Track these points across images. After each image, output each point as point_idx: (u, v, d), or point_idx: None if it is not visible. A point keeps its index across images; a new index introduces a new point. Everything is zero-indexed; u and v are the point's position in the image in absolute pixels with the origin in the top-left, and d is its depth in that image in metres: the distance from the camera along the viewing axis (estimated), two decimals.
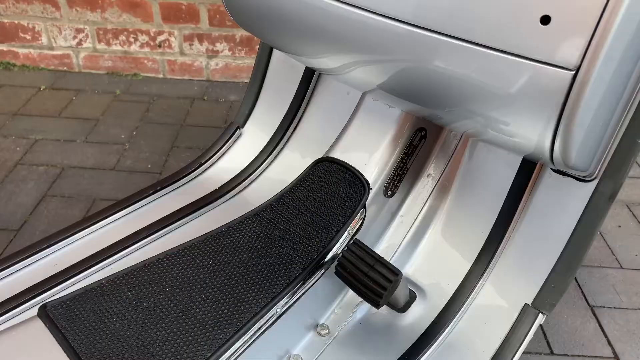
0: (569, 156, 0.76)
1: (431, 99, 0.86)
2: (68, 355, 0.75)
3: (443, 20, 0.74)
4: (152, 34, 2.42)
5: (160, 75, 2.54)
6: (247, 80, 2.53)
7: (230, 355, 0.80)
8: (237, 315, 0.83)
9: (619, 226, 1.86)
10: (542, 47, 0.67)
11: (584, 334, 1.48)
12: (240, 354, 0.82)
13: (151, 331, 0.79)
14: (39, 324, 0.79)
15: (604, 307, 1.56)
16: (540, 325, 1.49)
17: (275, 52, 1.30)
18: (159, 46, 2.46)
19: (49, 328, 0.79)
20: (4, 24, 2.41)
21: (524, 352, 1.41)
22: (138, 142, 2.10)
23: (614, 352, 1.43)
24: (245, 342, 0.82)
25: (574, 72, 0.66)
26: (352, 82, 1.03)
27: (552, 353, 1.43)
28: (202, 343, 0.79)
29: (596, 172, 0.88)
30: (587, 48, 0.64)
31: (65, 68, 2.53)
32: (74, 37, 2.45)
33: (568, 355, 1.42)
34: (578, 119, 0.70)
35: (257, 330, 0.84)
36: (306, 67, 1.27)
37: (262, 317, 0.84)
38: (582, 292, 1.59)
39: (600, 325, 1.50)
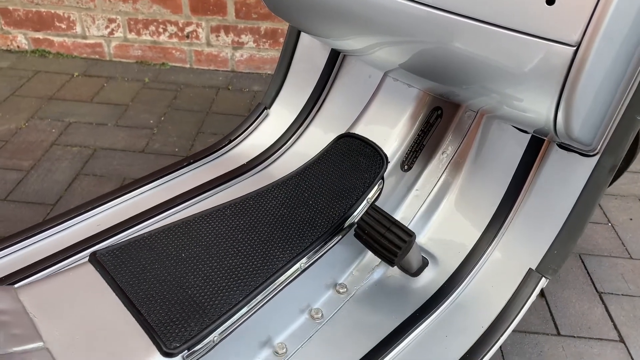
0: (571, 128, 0.84)
1: (447, 75, 0.94)
2: (117, 295, 0.85)
3: (459, 1, 0.82)
4: (180, 25, 2.53)
5: (187, 65, 2.65)
6: (270, 72, 2.63)
7: (258, 302, 0.89)
8: (265, 267, 0.92)
9: (631, 219, 1.89)
10: (547, 25, 0.75)
11: (591, 317, 1.52)
12: (267, 301, 0.91)
13: (189, 277, 0.88)
14: (90, 268, 0.89)
15: (612, 293, 1.60)
16: (549, 307, 1.56)
17: (302, 38, 1.39)
18: (187, 37, 2.56)
19: (99, 271, 0.88)
20: (41, 13, 2.53)
21: (531, 332, 1.47)
22: (166, 127, 2.20)
23: (620, 336, 1.47)
24: (272, 291, 0.91)
25: (575, 48, 0.74)
26: (375, 62, 1.12)
27: (558, 334, 1.48)
28: (234, 289, 0.88)
29: (599, 147, 0.95)
30: (587, 26, 0.72)
31: (97, 56, 2.65)
32: (106, 27, 2.56)
33: (574, 337, 1.47)
34: (578, 92, 0.77)
35: (283, 281, 0.92)
36: (330, 52, 1.35)
37: (287, 269, 0.93)
38: (591, 279, 1.64)
39: (607, 311, 1.54)
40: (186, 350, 0.79)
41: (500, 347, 1.41)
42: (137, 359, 0.76)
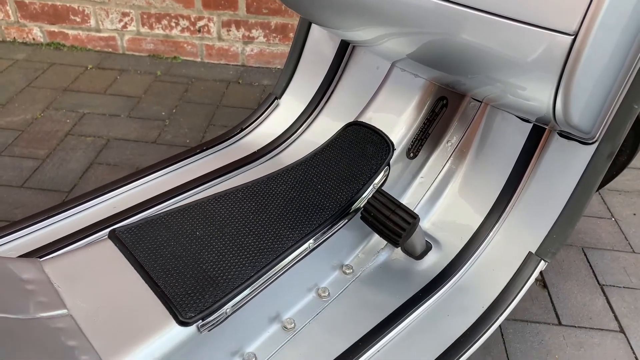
0: (570, 115, 0.87)
1: (452, 65, 0.98)
2: (135, 268, 0.89)
3: None
4: (192, 19, 2.58)
5: (198, 59, 2.69)
6: (279, 67, 2.67)
7: (268, 278, 0.94)
8: (275, 246, 0.96)
9: (634, 214, 1.92)
10: (546, 14, 0.78)
11: (592, 309, 1.55)
12: (277, 278, 0.95)
13: (204, 254, 0.93)
14: (110, 244, 0.94)
15: (614, 286, 1.63)
16: (550, 298, 1.59)
17: (313, 30, 1.43)
18: (199, 31, 2.61)
19: (119, 247, 0.93)
20: (56, 7, 2.58)
21: (533, 322, 1.50)
22: (177, 119, 2.24)
23: (620, 327, 1.50)
24: (282, 268, 0.95)
25: (573, 37, 0.78)
26: (383, 53, 1.16)
27: (560, 324, 1.51)
28: (246, 264, 0.92)
29: (597, 135, 0.99)
30: (585, 16, 0.76)
31: (110, 49, 2.70)
32: (120, 21, 2.61)
33: (575, 327, 1.50)
34: (576, 80, 0.81)
35: (291, 260, 0.97)
36: (340, 44, 1.39)
37: (296, 249, 0.97)
38: (593, 271, 1.67)
39: (608, 302, 1.57)
40: (200, 320, 0.84)
41: (502, 335, 1.45)
42: (154, 327, 0.81)
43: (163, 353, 0.80)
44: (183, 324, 0.82)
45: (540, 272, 1.64)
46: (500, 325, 1.47)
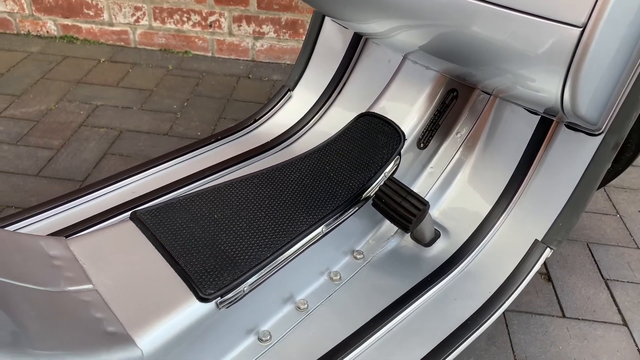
0: (577, 106, 0.91)
1: (464, 56, 1.01)
2: (156, 248, 0.93)
3: None
4: (204, 14, 2.61)
5: (209, 54, 2.73)
6: (289, 62, 2.71)
7: (283, 260, 0.97)
8: (290, 229, 1.00)
9: (639, 211, 1.94)
10: (555, 7, 0.81)
11: (596, 302, 1.58)
12: (291, 260, 0.99)
13: (222, 235, 0.97)
14: (131, 225, 0.97)
15: (618, 280, 1.65)
16: (555, 291, 1.62)
17: (325, 24, 1.47)
18: (210, 26, 2.65)
19: (140, 228, 0.96)
20: (70, 0, 2.62)
21: (537, 314, 1.53)
22: (189, 112, 2.28)
23: (624, 320, 1.52)
24: (296, 250, 0.99)
25: (581, 29, 0.81)
26: (396, 45, 1.19)
27: (564, 316, 1.53)
28: (263, 246, 0.96)
29: (604, 127, 1.02)
30: (593, 8, 0.79)
31: (122, 43, 2.74)
32: (132, 15, 2.65)
33: (579, 319, 1.52)
34: (584, 72, 0.84)
35: (305, 243, 1.01)
36: (352, 37, 1.43)
37: (309, 233, 1.01)
38: (598, 266, 1.69)
39: (612, 296, 1.60)
40: (219, 297, 0.87)
41: (507, 325, 1.48)
42: (176, 302, 0.85)
43: (184, 327, 0.83)
44: (203, 300, 0.86)
45: (545, 266, 1.67)
46: (505, 317, 1.50)
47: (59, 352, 0.67)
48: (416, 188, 1.26)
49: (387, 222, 1.19)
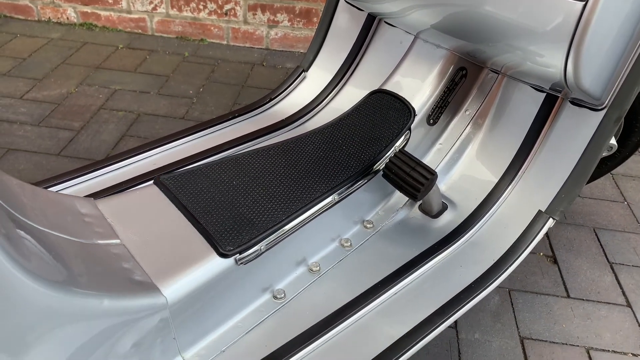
0: (580, 80, 0.95)
1: (473, 33, 1.06)
2: (179, 209, 0.99)
3: None
4: (219, 3, 2.67)
5: (224, 42, 2.79)
6: (302, 51, 2.76)
7: (298, 223, 1.03)
8: (304, 195, 1.05)
9: None
10: None
11: (601, 284, 1.62)
12: (304, 225, 1.04)
13: (240, 199, 1.02)
14: (155, 189, 1.03)
15: (623, 264, 1.69)
16: (560, 273, 1.65)
17: (340, 7, 1.51)
18: (225, 14, 2.70)
19: (163, 191, 1.02)
20: None
21: (542, 294, 1.57)
22: (204, 97, 2.34)
23: (627, 301, 1.56)
24: (309, 216, 1.04)
25: (584, 3, 0.85)
26: (410, 23, 1.24)
27: (568, 296, 1.57)
28: (278, 210, 1.01)
29: (607, 102, 1.06)
30: None
31: (140, 31, 2.80)
32: (150, 2, 2.71)
33: (583, 300, 1.56)
34: (585, 45, 0.88)
35: (318, 210, 1.06)
36: (366, 18, 1.48)
37: (322, 200, 1.06)
38: (604, 250, 1.73)
39: (617, 279, 1.63)
40: (238, 254, 0.93)
41: (512, 304, 1.52)
42: (198, 257, 0.90)
43: (205, 280, 0.89)
44: (223, 255, 0.91)
45: (552, 249, 1.71)
46: (510, 295, 1.54)
47: (95, 292, 0.73)
48: (425, 162, 1.30)
49: (397, 194, 1.24)
